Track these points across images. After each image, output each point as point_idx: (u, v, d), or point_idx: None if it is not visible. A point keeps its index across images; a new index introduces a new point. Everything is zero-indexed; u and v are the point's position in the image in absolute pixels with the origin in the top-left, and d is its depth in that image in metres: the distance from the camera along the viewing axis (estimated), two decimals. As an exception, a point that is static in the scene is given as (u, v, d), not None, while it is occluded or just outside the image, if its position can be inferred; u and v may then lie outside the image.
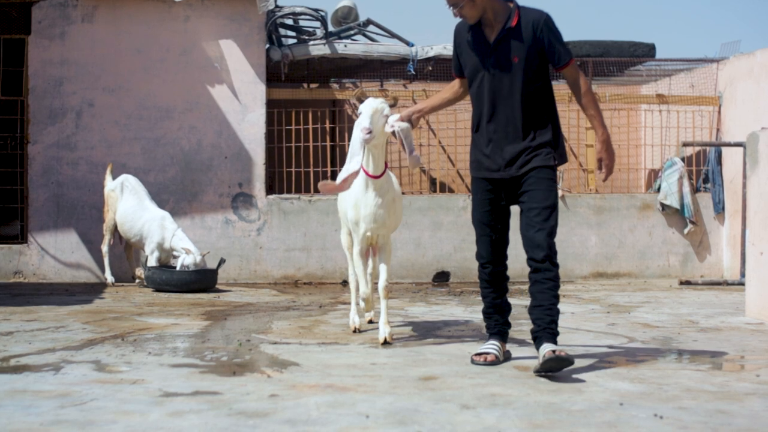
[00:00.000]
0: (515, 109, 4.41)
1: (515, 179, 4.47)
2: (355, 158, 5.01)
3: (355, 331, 5.75)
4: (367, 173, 5.09)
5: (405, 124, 4.79)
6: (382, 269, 5.34)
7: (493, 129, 4.47)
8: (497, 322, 4.69)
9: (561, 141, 4.53)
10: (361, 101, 5.06)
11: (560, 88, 11.54)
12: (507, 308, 4.71)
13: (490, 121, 4.47)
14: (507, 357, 4.71)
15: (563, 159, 4.54)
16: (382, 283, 5.30)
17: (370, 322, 6.04)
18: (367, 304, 5.68)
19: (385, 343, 5.21)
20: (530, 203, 4.40)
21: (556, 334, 4.35)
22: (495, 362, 4.55)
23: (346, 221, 5.59)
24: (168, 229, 8.82)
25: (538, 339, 4.35)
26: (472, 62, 4.53)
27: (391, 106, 5.09)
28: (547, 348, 4.24)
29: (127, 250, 9.38)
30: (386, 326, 5.29)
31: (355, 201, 5.22)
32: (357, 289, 5.83)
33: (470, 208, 5.08)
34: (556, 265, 4.35)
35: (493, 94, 4.45)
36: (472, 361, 4.56)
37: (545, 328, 4.32)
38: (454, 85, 4.82)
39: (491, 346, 4.64)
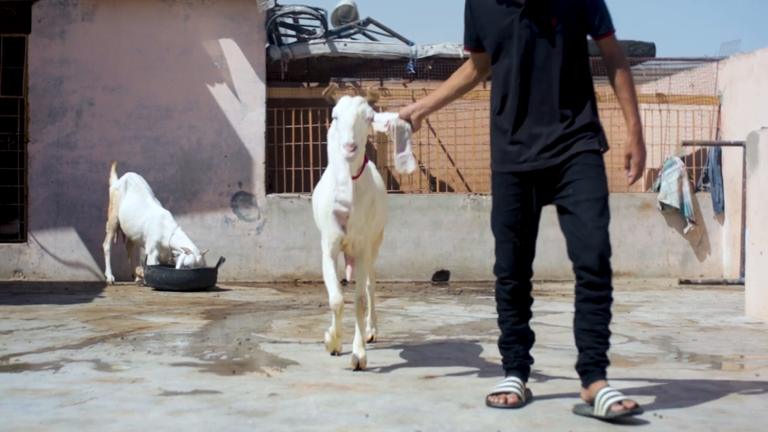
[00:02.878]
0: (552, 84, 3.57)
1: (552, 170, 3.60)
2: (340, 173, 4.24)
3: (334, 354, 4.81)
4: None
5: (404, 123, 4.12)
6: (359, 280, 4.56)
7: (523, 109, 3.60)
8: (518, 355, 3.77)
9: (601, 124, 3.73)
10: (333, 101, 4.30)
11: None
12: (531, 337, 3.79)
13: (520, 99, 3.60)
14: (528, 397, 3.75)
15: (606, 145, 3.70)
16: (357, 293, 4.51)
17: (370, 341, 5.26)
18: (337, 319, 4.66)
19: (357, 369, 4.35)
20: (578, 195, 3.53)
21: (608, 364, 3.55)
22: (517, 404, 3.61)
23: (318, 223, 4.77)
24: (168, 227, 8.82)
25: (588, 374, 3.51)
26: (497, 27, 3.64)
27: (371, 103, 4.34)
28: (608, 397, 3.37)
29: (128, 248, 9.38)
30: (360, 349, 4.40)
31: (327, 201, 4.40)
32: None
33: (470, 207, 4.89)
34: (611, 274, 3.51)
35: (525, 66, 3.58)
36: (489, 403, 3.63)
37: (599, 361, 3.50)
38: (465, 68, 3.95)
39: (512, 384, 3.69)
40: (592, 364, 3.49)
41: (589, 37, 3.71)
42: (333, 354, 4.77)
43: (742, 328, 6.16)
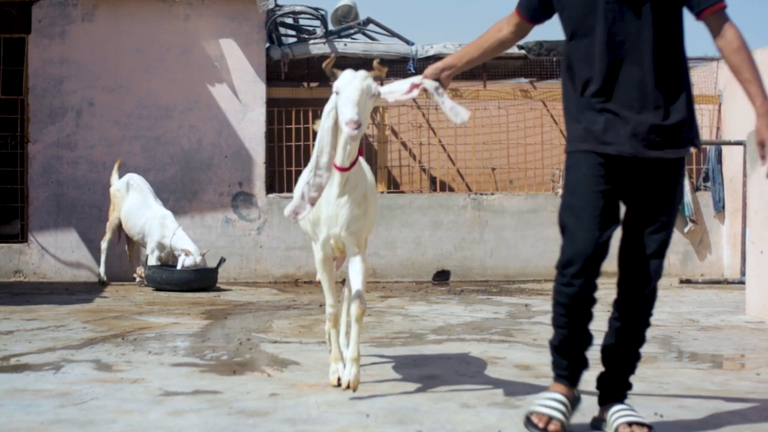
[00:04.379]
0: (644, 67, 3.06)
1: (637, 163, 3.10)
2: (324, 156, 3.71)
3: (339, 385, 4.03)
4: (333, 164, 3.79)
5: (433, 82, 3.64)
6: (354, 283, 3.94)
7: (609, 94, 3.10)
8: (571, 362, 3.26)
9: (695, 116, 3.21)
10: (333, 75, 3.79)
11: (559, 87, 11.55)
12: (590, 340, 3.30)
13: (606, 84, 3.09)
14: (575, 403, 3.28)
15: (699, 142, 3.22)
16: (354, 298, 3.92)
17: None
18: (335, 323, 4.13)
19: (348, 387, 3.85)
20: (651, 211, 3.13)
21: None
22: None
23: (305, 225, 4.20)
24: (169, 227, 8.83)
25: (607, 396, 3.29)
26: (579, 1, 3.16)
27: (377, 78, 3.79)
28: (621, 419, 3.16)
29: (129, 249, 9.37)
30: (353, 365, 3.87)
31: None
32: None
33: (471, 207, 4.64)
34: (655, 299, 3.27)
35: (613, 45, 3.08)
36: (528, 421, 3.15)
37: (622, 384, 3.29)
38: (501, 29, 3.45)
39: (557, 405, 3.18)
40: (615, 384, 3.30)
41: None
42: (339, 385, 3.95)
43: (742, 327, 6.16)
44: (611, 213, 3.12)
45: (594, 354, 3.31)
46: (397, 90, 3.72)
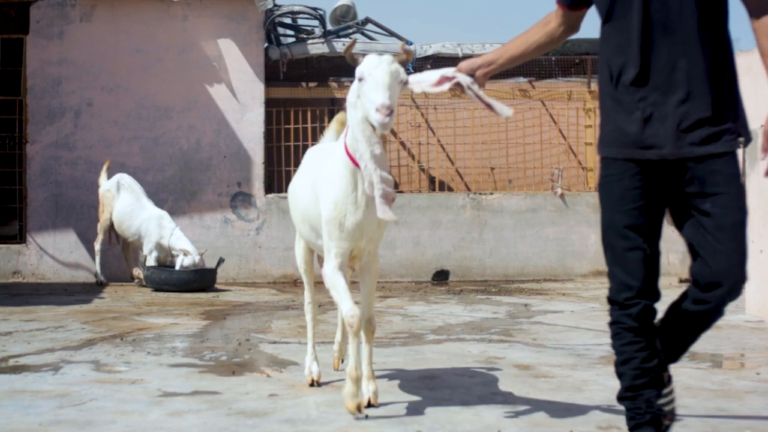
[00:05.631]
0: (688, 49, 2.70)
1: (683, 163, 2.73)
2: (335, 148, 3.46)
3: (312, 384, 4.07)
4: (355, 162, 3.43)
5: (467, 77, 3.24)
6: (365, 297, 3.73)
7: (646, 81, 2.73)
8: (650, 404, 2.83)
9: (743, 104, 2.89)
10: (354, 61, 3.44)
11: (559, 86, 11.57)
12: (663, 369, 2.94)
13: (642, 68, 2.73)
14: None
15: (750, 134, 2.88)
16: (365, 314, 3.66)
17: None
18: (356, 344, 3.56)
19: (369, 406, 3.58)
20: (722, 218, 2.82)
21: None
22: None
23: (307, 226, 3.89)
24: (166, 228, 8.82)
25: (639, 417, 2.83)
26: None
27: (403, 63, 3.47)
28: None
29: (124, 249, 9.36)
30: (371, 382, 3.64)
31: (335, 199, 3.52)
32: (314, 326, 4.29)
33: (470, 206, 4.48)
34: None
35: (652, 24, 2.72)
36: None
37: (662, 407, 2.90)
38: (549, 22, 3.05)
39: None
40: (652, 409, 2.85)
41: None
42: (359, 412, 3.49)
43: (742, 326, 6.15)
44: (656, 225, 2.84)
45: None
46: (425, 80, 3.34)
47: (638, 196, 2.77)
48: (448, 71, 3.25)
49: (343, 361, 4.30)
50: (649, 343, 2.82)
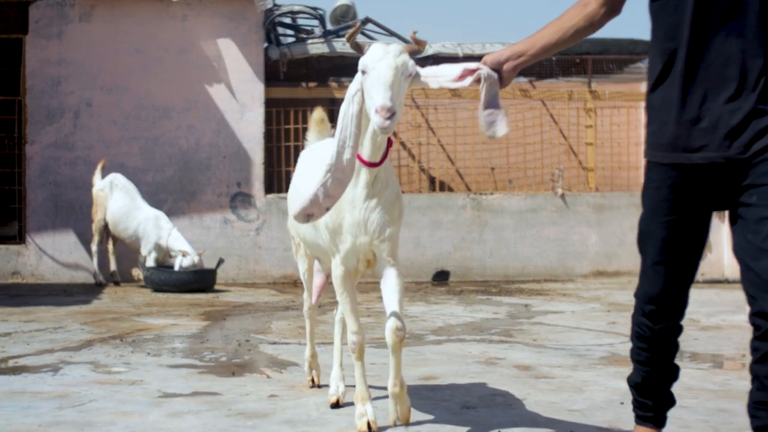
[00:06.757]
0: (745, 37, 2.42)
1: (736, 164, 2.46)
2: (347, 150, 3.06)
3: (336, 404, 3.69)
4: (359, 158, 3.15)
5: (491, 73, 2.87)
6: (389, 303, 3.43)
7: (697, 73, 2.47)
8: (660, 401, 2.75)
9: None
10: (358, 48, 3.09)
11: (559, 86, 11.56)
12: (676, 373, 2.76)
13: (692, 58, 2.47)
14: None
15: None
16: (391, 323, 3.40)
17: (336, 405, 3.69)
18: (361, 355, 3.49)
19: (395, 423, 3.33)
20: (765, 210, 2.42)
21: None
22: None
23: (305, 231, 3.67)
24: (164, 228, 8.80)
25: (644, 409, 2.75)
26: None
27: (414, 54, 3.09)
28: None
29: (113, 247, 9.26)
30: (404, 400, 3.32)
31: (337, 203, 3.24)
32: (312, 335, 4.08)
33: (470, 207, 4.41)
34: None
35: (703, 12, 2.45)
36: None
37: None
38: (588, 3, 2.72)
39: None
40: None
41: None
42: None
43: (743, 326, 6.14)
44: (698, 236, 2.61)
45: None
46: (443, 74, 3.01)
47: (676, 208, 2.56)
48: (471, 65, 2.94)
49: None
50: (665, 355, 2.68)
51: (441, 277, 10.11)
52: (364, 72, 2.99)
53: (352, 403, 3.61)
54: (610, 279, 10.01)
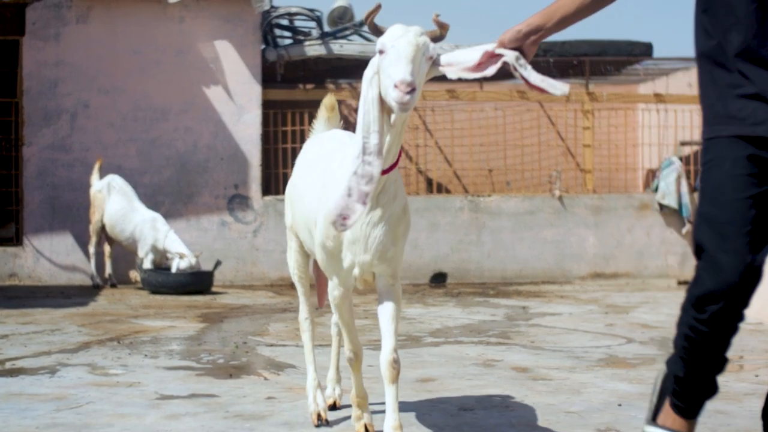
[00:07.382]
0: None
1: None
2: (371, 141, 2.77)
3: (333, 407, 3.67)
4: None
5: (512, 52, 2.65)
6: (385, 330, 3.07)
7: (759, 51, 2.27)
8: (701, 392, 2.53)
9: None
10: (377, 30, 2.87)
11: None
12: (724, 365, 2.55)
13: (755, 34, 2.27)
14: None
15: None
16: (386, 355, 3.09)
17: (333, 407, 3.67)
18: (358, 369, 3.33)
19: None
20: None
21: None
22: None
23: (305, 236, 3.39)
24: (161, 230, 8.80)
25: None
26: None
27: (436, 39, 2.81)
28: None
29: (110, 250, 9.25)
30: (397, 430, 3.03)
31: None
32: (313, 347, 3.65)
33: (468, 209, 4.38)
34: None
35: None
36: None
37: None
38: None
39: None
40: None
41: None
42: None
43: (741, 328, 6.14)
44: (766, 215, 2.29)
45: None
46: (461, 62, 2.75)
47: (745, 184, 2.27)
48: (489, 47, 2.69)
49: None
50: (719, 352, 2.47)
51: (438, 279, 10.11)
52: (381, 51, 2.75)
53: (349, 406, 3.60)
54: (607, 281, 10.01)
